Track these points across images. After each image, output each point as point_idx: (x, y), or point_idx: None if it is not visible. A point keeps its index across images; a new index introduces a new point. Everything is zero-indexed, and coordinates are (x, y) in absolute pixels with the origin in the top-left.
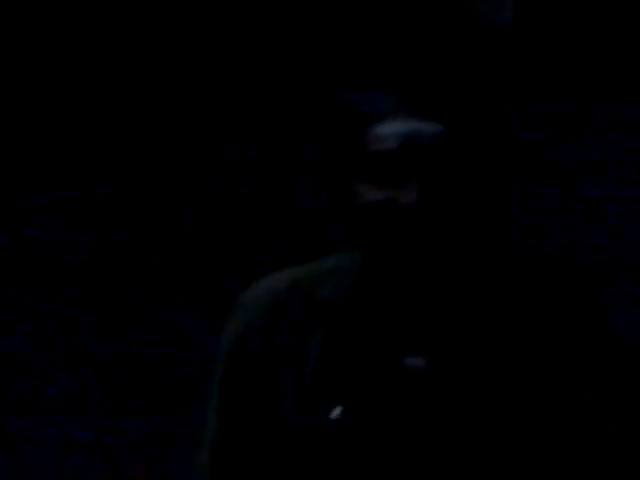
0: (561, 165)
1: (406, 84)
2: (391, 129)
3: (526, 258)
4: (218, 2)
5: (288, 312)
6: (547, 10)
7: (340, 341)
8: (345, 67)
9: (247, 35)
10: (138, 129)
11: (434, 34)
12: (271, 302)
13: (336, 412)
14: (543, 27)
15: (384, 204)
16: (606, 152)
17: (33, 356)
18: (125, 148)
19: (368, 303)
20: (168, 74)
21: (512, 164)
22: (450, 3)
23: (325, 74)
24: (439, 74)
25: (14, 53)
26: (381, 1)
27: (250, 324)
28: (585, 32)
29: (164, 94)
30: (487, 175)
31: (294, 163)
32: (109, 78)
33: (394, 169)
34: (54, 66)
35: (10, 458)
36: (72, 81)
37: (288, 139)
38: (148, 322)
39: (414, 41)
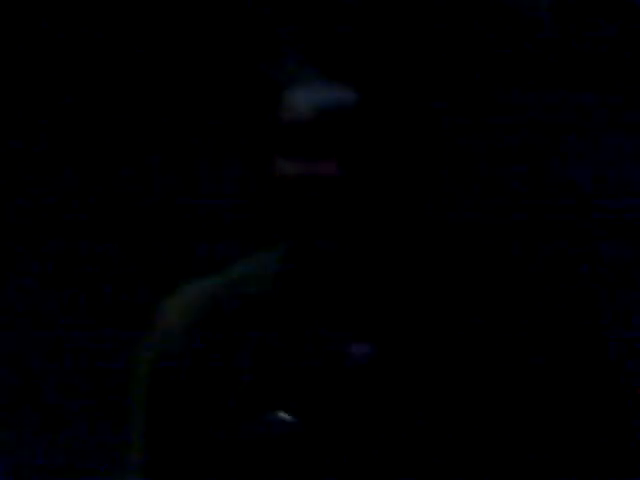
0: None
1: (321, 50)
2: (307, 98)
3: (457, 228)
4: None
5: (215, 317)
6: None
7: (276, 338)
8: (259, 35)
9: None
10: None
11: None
12: (196, 310)
13: (282, 415)
14: None
15: (303, 178)
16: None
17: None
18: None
19: (300, 291)
20: None
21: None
22: None
23: (240, 42)
24: (357, 38)
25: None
26: None
27: (173, 336)
28: None
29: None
30: (414, 144)
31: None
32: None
33: (311, 140)
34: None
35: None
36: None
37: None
38: None
39: (332, 5)
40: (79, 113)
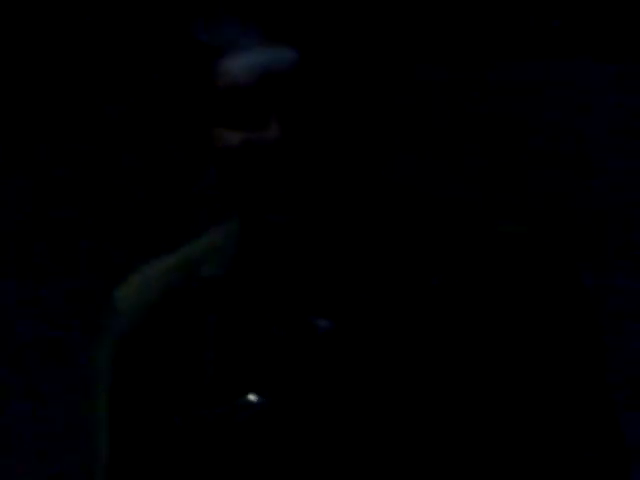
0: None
1: (256, 10)
2: (242, 62)
3: (408, 193)
4: None
5: (172, 302)
6: None
7: (236, 318)
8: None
9: None
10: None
11: None
12: (150, 296)
13: (247, 397)
14: None
15: (243, 147)
16: None
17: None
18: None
19: (255, 269)
20: None
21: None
22: None
23: (169, 6)
24: None
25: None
26: None
27: (130, 324)
28: None
29: None
30: (360, 108)
31: None
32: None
33: (250, 106)
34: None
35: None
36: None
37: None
38: None
39: None
40: None
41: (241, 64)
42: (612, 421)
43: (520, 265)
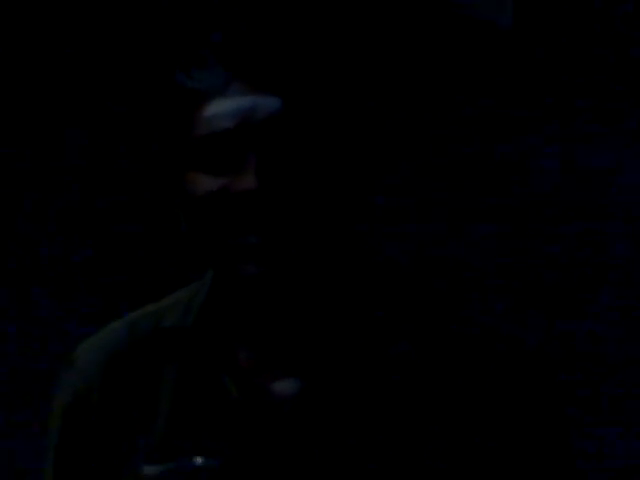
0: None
1: (239, 57)
2: (221, 107)
3: (388, 262)
4: None
5: (130, 357)
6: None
7: (193, 375)
8: (175, 43)
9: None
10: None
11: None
12: (108, 352)
13: (199, 459)
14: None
15: (217, 194)
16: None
17: None
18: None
19: (219, 323)
20: None
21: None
22: None
23: (156, 49)
24: (279, 45)
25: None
26: None
27: (84, 383)
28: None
29: None
30: (344, 159)
31: None
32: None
33: (227, 153)
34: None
35: None
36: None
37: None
38: None
39: (251, 11)
40: None
41: (222, 109)
42: None
43: (485, 341)
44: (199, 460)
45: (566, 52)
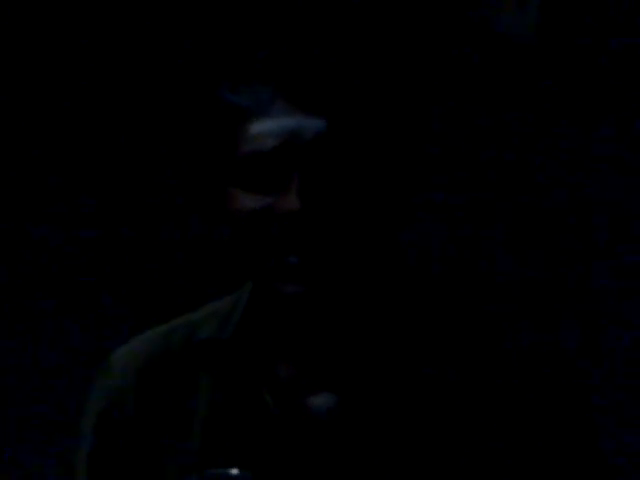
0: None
1: (286, 76)
2: (266, 127)
3: (426, 274)
4: None
5: (165, 365)
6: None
7: (230, 387)
8: (222, 59)
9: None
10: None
11: (321, 23)
12: (143, 359)
13: (234, 470)
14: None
15: (260, 213)
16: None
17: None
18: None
19: (258, 337)
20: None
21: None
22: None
23: (201, 68)
24: (326, 66)
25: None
26: None
27: (120, 389)
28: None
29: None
30: (385, 178)
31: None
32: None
33: (270, 172)
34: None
35: None
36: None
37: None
38: None
39: (299, 30)
40: None
41: (267, 128)
42: None
43: (521, 371)
44: (234, 471)
45: (588, 67)
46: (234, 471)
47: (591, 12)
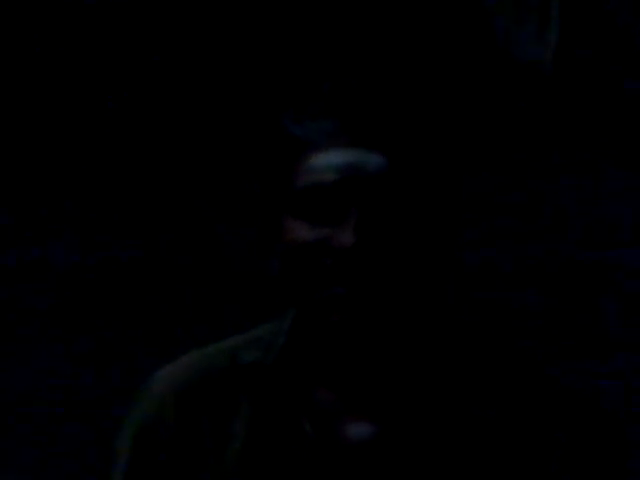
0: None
1: (349, 110)
2: (328, 160)
3: (465, 318)
4: None
5: (204, 390)
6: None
7: (270, 413)
8: (287, 91)
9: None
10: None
11: (387, 61)
12: (182, 383)
13: None
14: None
15: (315, 245)
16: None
17: None
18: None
19: (299, 364)
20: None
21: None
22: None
23: (266, 98)
24: (389, 102)
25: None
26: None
27: (157, 413)
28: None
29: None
30: (435, 218)
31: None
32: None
33: (328, 205)
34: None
35: None
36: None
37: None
38: None
39: (364, 67)
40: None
41: (328, 162)
42: None
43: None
44: None
45: (605, 96)
46: None
47: (609, 44)
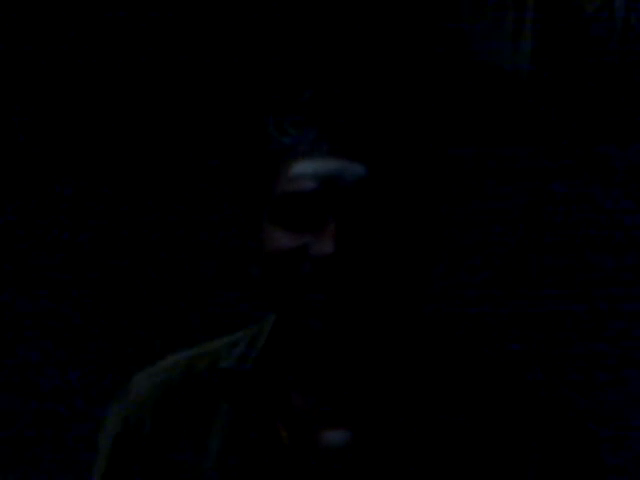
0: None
1: (330, 118)
2: (308, 168)
3: (448, 323)
4: None
5: (184, 393)
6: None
7: (247, 418)
8: (269, 99)
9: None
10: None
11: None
12: (162, 386)
13: None
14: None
15: (295, 252)
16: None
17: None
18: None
19: (278, 370)
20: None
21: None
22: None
23: (249, 102)
24: (370, 111)
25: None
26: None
27: (136, 415)
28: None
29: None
30: (416, 226)
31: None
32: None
33: (308, 213)
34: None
35: None
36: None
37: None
38: None
39: (345, 76)
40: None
41: (309, 170)
42: None
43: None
44: None
45: (584, 98)
46: None
47: (585, 42)
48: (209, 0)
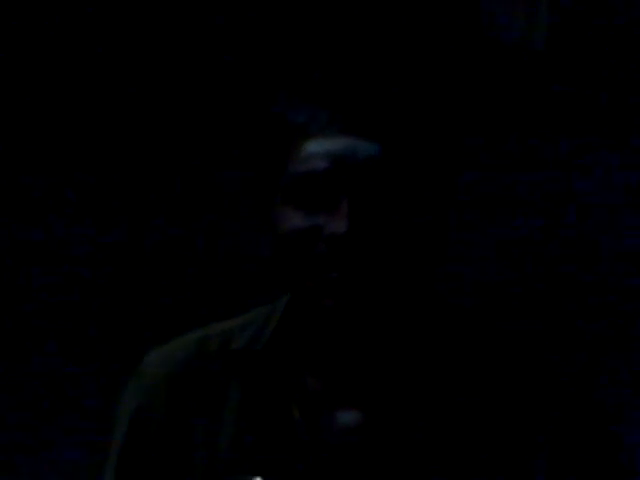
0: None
1: (341, 98)
2: (320, 147)
3: (458, 305)
4: None
5: (197, 373)
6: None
7: (259, 398)
8: (279, 79)
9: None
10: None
11: (381, 48)
12: (175, 365)
13: (257, 479)
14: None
15: (308, 232)
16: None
17: None
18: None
19: (290, 350)
20: None
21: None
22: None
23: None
24: (381, 90)
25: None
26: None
27: (152, 394)
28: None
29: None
30: (428, 206)
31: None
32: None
33: (320, 193)
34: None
35: None
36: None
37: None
38: None
39: (356, 55)
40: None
41: (321, 149)
42: None
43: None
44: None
45: (598, 73)
46: (257, 479)
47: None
48: None
